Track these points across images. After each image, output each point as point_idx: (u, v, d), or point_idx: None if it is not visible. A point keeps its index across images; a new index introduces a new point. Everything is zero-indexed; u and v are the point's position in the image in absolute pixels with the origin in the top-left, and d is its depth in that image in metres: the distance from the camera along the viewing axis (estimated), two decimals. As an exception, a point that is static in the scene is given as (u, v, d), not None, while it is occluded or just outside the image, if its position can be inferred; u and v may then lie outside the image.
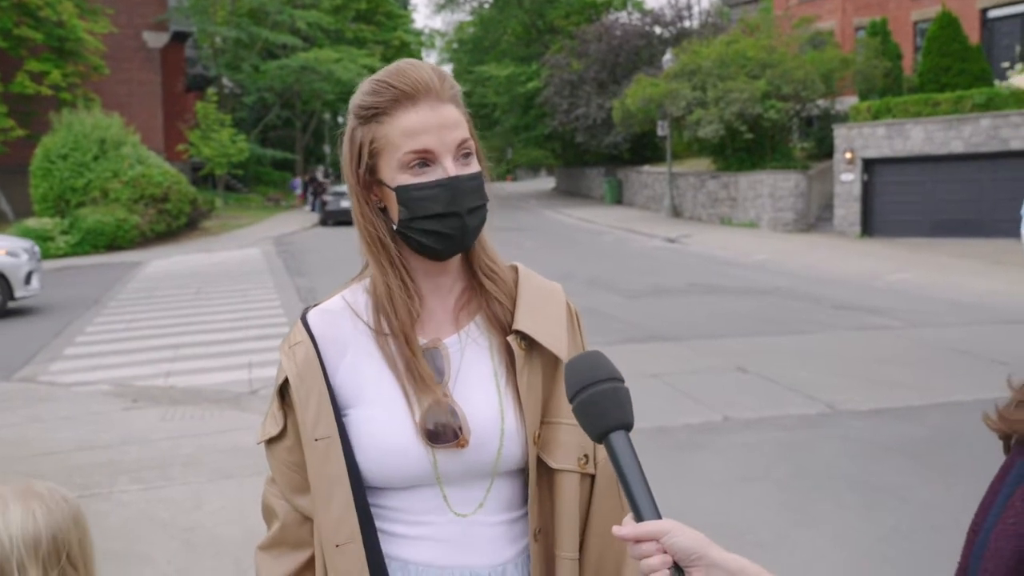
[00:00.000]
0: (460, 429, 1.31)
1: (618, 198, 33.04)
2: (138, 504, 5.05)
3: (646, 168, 31.06)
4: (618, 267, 16.52)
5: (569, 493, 1.36)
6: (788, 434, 6.44)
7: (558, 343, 1.38)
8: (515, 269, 1.47)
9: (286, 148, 44.86)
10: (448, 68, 52.54)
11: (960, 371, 8.11)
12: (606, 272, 15.70)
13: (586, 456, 1.38)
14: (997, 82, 20.87)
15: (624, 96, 27.17)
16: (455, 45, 52.02)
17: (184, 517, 4.90)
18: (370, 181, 1.36)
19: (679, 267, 16.56)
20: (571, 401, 1.08)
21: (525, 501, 1.39)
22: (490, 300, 1.40)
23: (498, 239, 1.43)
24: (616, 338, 9.68)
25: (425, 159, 1.30)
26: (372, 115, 1.33)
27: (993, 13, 26.11)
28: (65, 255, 21.63)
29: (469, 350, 1.38)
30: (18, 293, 13.21)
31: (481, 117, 45.92)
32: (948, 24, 21.30)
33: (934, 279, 14.07)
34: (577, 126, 33.37)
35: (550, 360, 1.39)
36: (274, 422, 1.40)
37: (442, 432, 1.31)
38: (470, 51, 47.49)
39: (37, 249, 14.11)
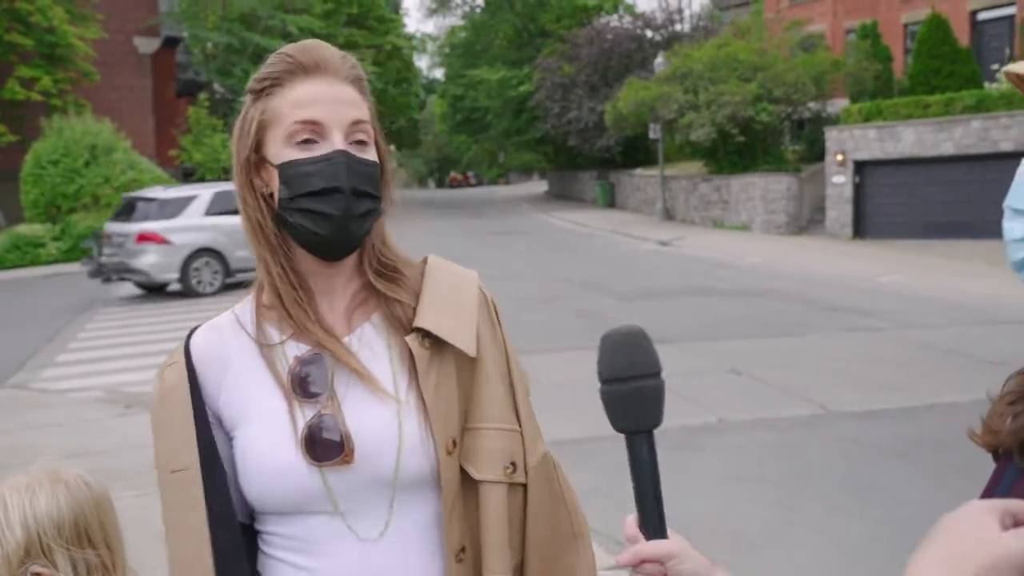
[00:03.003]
0: (344, 443, 1.18)
1: (610, 201, 33.06)
2: (132, 511, 5.00)
3: (638, 171, 31.09)
4: (611, 270, 16.53)
5: (495, 506, 1.22)
6: (781, 435, 6.45)
7: (467, 338, 1.24)
8: (424, 262, 1.34)
9: (278, 153, 44.77)
10: (440, 72, 52.58)
11: (952, 372, 8.14)
12: (599, 275, 15.71)
13: (513, 464, 1.25)
14: (987, 84, 20.96)
15: (616, 99, 27.19)
16: (447, 49, 52.01)
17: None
18: (256, 161, 1.24)
19: (672, 270, 16.58)
20: (605, 383, 0.99)
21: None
22: (388, 299, 1.27)
23: (490, 242, 1.40)
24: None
25: (313, 132, 1.20)
26: (264, 87, 1.23)
27: (983, 15, 26.24)
28: (56, 261, 21.56)
29: (363, 353, 1.24)
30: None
31: (473, 121, 45.98)
32: (938, 26, 21.40)
33: (925, 280, 14.12)
34: (569, 129, 33.39)
35: (463, 359, 1.25)
36: None
37: (328, 447, 1.18)
38: (462, 55, 47.48)
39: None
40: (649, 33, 33.95)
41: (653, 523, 0.96)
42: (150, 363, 9.68)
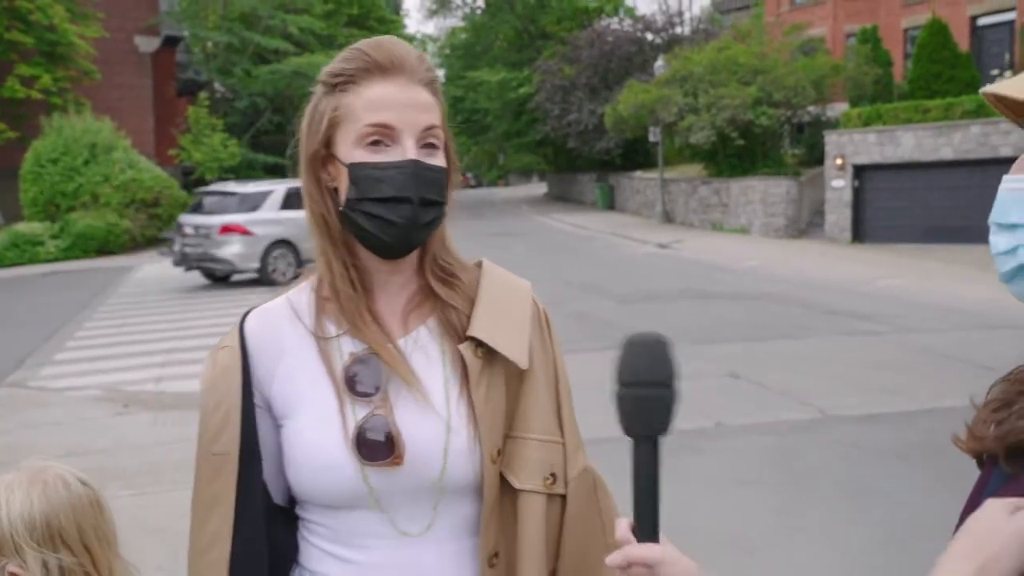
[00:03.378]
0: (395, 445, 1.19)
1: (610, 204, 33.07)
2: (129, 510, 5.02)
3: (638, 174, 31.10)
4: (610, 272, 16.53)
5: (533, 516, 1.23)
6: (780, 439, 6.45)
7: (519, 351, 1.25)
8: (479, 266, 1.34)
9: (278, 153, 44.68)
10: (440, 73, 52.50)
11: (951, 377, 8.14)
12: (598, 277, 15.71)
13: (553, 475, 1.25)
14: (987, 89, 20.98)
15: (616, 102, 27.20)
16: (447, 50, 52.05)
17: (175, 523, 4.86)
18: (325, 156, 1.24)
19: (671, 273, 16.58)
20: (622, 386, 0.99)
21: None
22: (444, 305, 1.27)
23: (489, 243, 1.40)
24: (608, 343, 9.65)
25: (385, 135, 1.19)
26: (339, 83, 1.22)
27: (983, 21, 26.27)
28: (55, 260, 21.54)
29: (416, 357, 1.24)
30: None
31: (473, 122, 45.95)
32: (938, 31, 21.42)
33: (924, 285, 14.12)
34: (569, 132, 33.40)
35: (513, 369, 1.26)
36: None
37: (378, 448, 1.18)
38: (462, 56, 47.51)
39: None
40: (649, 36, 33.97)
41: (647, 528, 0.96)
42: (148, 362, 9.68)
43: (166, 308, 13.73)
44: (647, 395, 0.99)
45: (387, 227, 1.20)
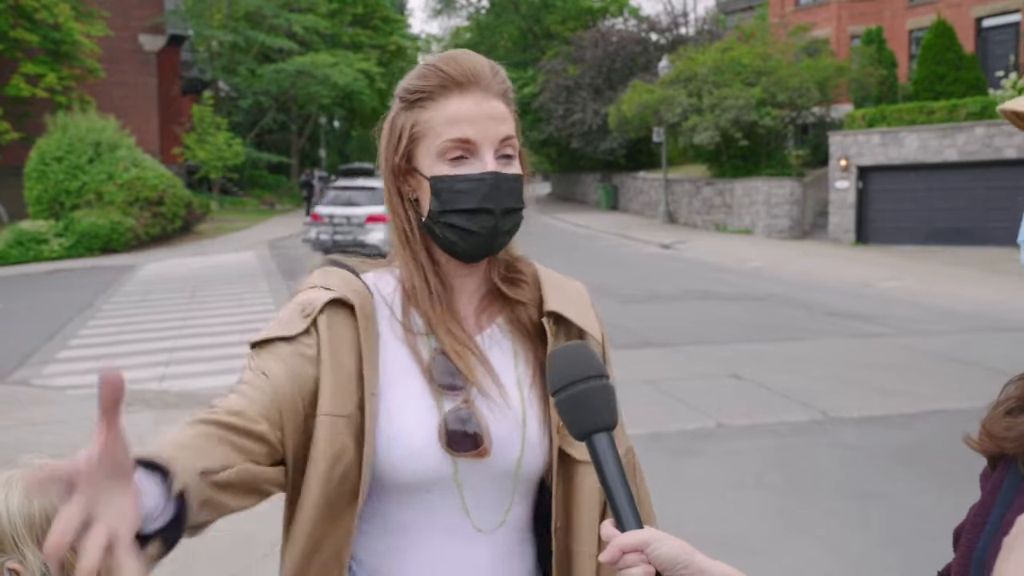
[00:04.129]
0: (482, 437, 1.24)
1: (613, 204, 33.07)
2: (131, 508, 5.01)
3: (642, 174, 31.09)
4: (613, 273, 16.53)
5: (589, 488, 1.30)
6: (781, 441, 6.45)
7: (591, 325, 1.36)
8: (532, 266, 1.43)
9: (282, 152, 44.79)
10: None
11: (953, 379, 8.13)
12: (601, 277, 15.71)
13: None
14: (991, 91, 20.95)
15: (620, 102, 27.20)
16: (451, 50, 52.06)
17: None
18: (406, 169, 1.30)
19: (674, 273, 16.58)
20: (554, 395, 1.02)
21: (535, 515, 1.33)
22: (513, 304, 1.35)
23: None
24: (611, 343, 9.66)
25: (465, 150, 1.25)
26: (417, 99, 1.28)
27: (988, 22, 26.23)
28: (59, 258, 21.56)
29: (493, 353, 1.31)
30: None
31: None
32: (943, 33, 21.39)
33: (928, 287, 14.11)
34: (573, 132, 33.39)
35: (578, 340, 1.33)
36: (294, 325, 1.23)
37: (464, 439, 1.24)
38: (466, 56, 47.49)
39: None
40: (654, 36, 33.96)
41: (627, 518, 0.97)
42: (151, 360, 9.69)
43: (170, 306, 13.74)
44: (582, 391, 1.00)
45: (469, 236, 1.27)
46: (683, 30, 33.94)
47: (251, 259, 20.70)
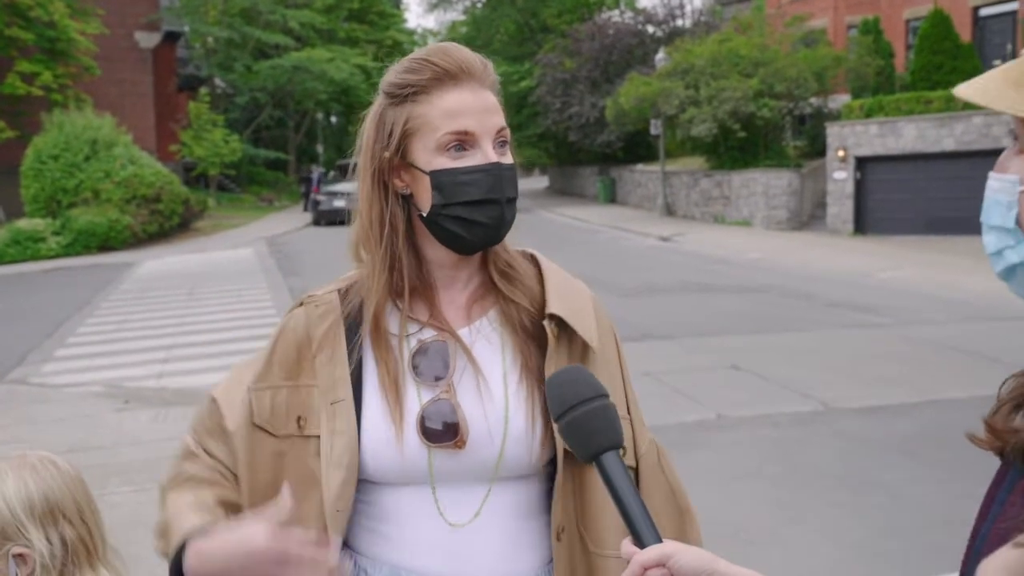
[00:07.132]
0: (459, 428, 1.24)
1: (611, 197, 33.03)
2: (129, 505, 5.02)
3: (639, 167, 31.05)
4: (612, 266, 16.52)
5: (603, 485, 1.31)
6: (781, 432, 6.45)
7: (590, 331, 1.32)
8: (534, 257, 1.41)
9: (279, 148, 44.76)
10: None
11: (952, 368, 8.13)
12: (600, 271, 15.69)
13: (624, 449, 1.32)
14: (988, 80, 20.92)
15: (617, 95, 27.15)
16: (448, 44, 51.97)
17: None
18: (399, 165, 1.28)
19: (673, 265, 16.57)
20: (557, 421, 1.03)
21: (536, 506, 1.31)
22: (505, 298, 1.33)
23: None
24: (610, 337, 9.66)
25: (464, 142, 1.24)
26: (408, 94, 1.26)
27: (985, 11, 26.18)
28: (57, 256, 21.53)
29: (479, 345, 1.30)
30: None
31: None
32: (940, 22, 21.35)
33: (926, 276, 14.11)
34: (570, 125, 33.34)
35: (578, 348, 1.33)
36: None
37: (440, 430, 1.24)
38: (463, 50, 47.43)
39: None
40: (650, 28, 33.90)
41: (646, 534, 0.97)
42: (150, 358, 9.68)
43: (168, 304, 13.73)
44: (581, 414, 1.01)
45: (475, 228, 1.26)
46: (680, 22, 33.86)
47: (249, 256, 20.68)
